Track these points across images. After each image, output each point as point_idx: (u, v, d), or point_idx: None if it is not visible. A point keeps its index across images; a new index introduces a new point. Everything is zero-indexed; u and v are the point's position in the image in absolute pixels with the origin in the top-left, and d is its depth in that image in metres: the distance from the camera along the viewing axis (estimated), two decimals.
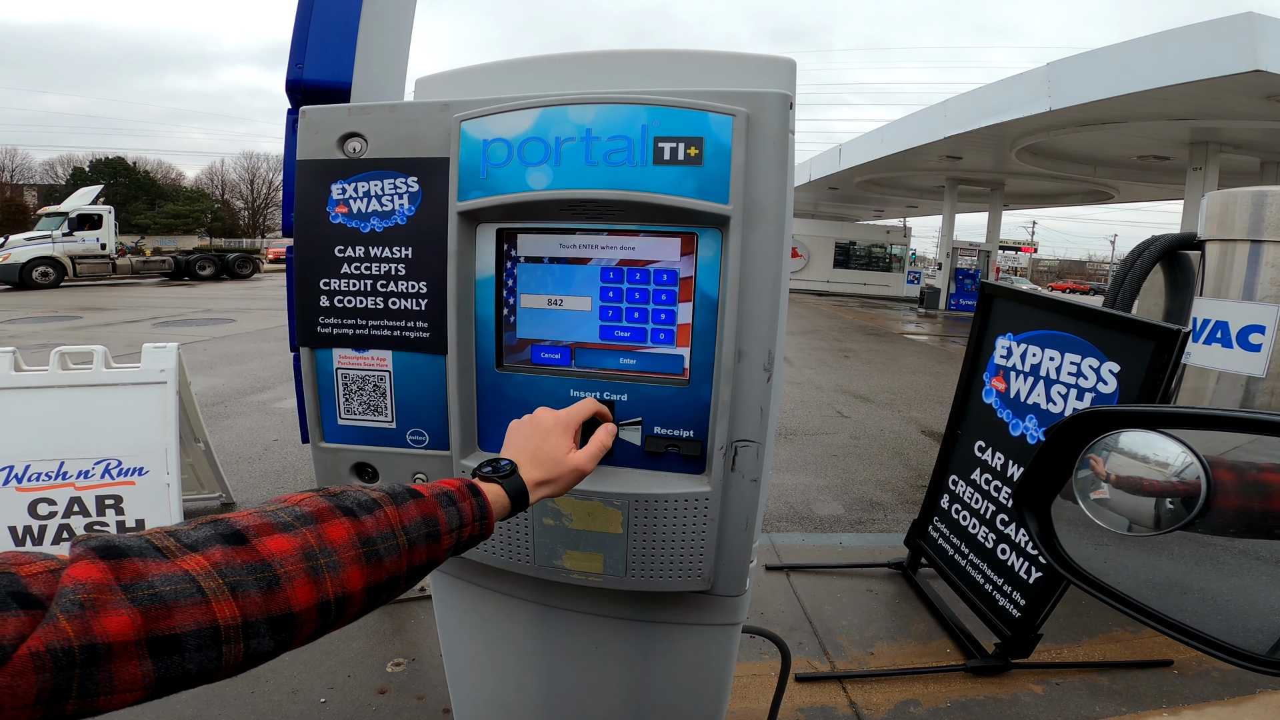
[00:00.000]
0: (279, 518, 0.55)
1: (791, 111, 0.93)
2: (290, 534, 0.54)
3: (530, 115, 0.93)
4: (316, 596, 0.54)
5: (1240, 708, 2.26)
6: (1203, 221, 2.96)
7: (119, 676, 0.42)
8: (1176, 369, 1.94)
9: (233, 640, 0.48)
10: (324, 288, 1.07)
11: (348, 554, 0.57)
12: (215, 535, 0.51)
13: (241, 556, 0.50)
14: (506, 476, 0.79)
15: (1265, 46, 7.39)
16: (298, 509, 0.57)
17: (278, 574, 0.51)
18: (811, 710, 2.19)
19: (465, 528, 0.69)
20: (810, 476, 4.58)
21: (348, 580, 0.56)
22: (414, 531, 0.63)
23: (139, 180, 45.13)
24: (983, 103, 11.77)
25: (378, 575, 0.59)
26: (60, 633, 0.40)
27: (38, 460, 2.37)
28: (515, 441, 0.87)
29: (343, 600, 0.56)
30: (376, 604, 0.61)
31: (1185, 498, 0.50)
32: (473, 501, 0.71)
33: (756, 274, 0.92)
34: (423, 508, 0.66)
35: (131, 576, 0.45)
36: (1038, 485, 0.60)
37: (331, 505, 0.59)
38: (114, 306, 12.89)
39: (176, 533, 0.50)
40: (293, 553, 0.53)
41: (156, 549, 0.47)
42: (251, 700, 2.10)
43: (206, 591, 0.47)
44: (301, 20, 2.06)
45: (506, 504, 0.77)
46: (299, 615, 0.52)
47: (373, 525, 0.60)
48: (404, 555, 0.62)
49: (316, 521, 0.57)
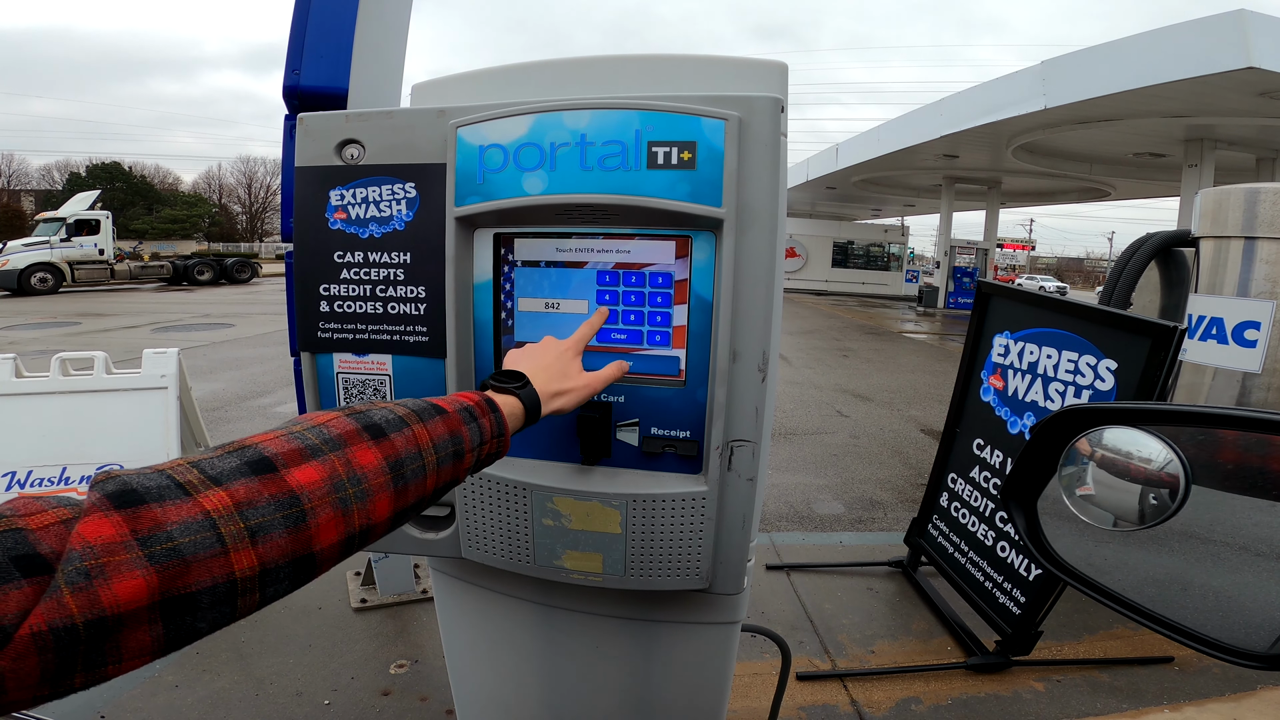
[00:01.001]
0: (307, 440, 0.52)
1: (783, 114, 0.95)
2: (319, 461, 0.51)
3: (525, 121, 0.95)
4: (342, 531, 0.51)
5: (1241, 704, 2.27)
6: (1197, 218, 2.97)
7: (127, 645, 0.40)
8: (1174, 366, 1.95)
9: (249, 591, 0.45)
10: (324, 293, 1.08)
11: (377, 480, 0.55)
12: (242, 465, 0.48)
13: (269, 489, 0.47)
14: (522, 387, 0.77)
15: (1258, 43, 7.42)
16: (325, 430, 0.54)
17: (304, 509, 0.48)
18: (813, 709, 2.20)
19: (485, 445, 0.67)
20: (810, 476, 4.59)
21: (375, 509, 0.54)
22: (442, 450, 0.61)
23: (136, 185, 45.14)
24: (978, 101, 11.80)
25: (405, 499, 0.57)
26: (64, 609, 0.37)
27: (40, 466, 2.37)
28: (522, 359, 0.85)
29: (367, 531, 0.54)
30: (397, 527, 0.59)
31: (1168, 493, 0.51)
32: (491, 417, 0.69)
33: (750, 276, 0.93)
34: (449, 424, 0.63)
35: (149, 526, 0.41)
36: (1024, 482, 0.61)
37: (359, 426, 0.56)
38: (113, 312, 12.89)
39: (200, 463, 0.47)
40: (321, 483, 0.50)
41: (178, 485, 0.44)
42: (256, 702, 2.11)
43: (226, 539, 0.44)
44: (298, 27, 2.07)
45: (521, 416, 0.75)
46: (320, 553, 0.50)
47: (402, 445, 0.58)
48: (431, 475, 0.60)
49: (345, 445, 0.54)
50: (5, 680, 0.35)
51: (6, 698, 0.36)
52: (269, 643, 2.41)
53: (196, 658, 2.30)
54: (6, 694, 0.36)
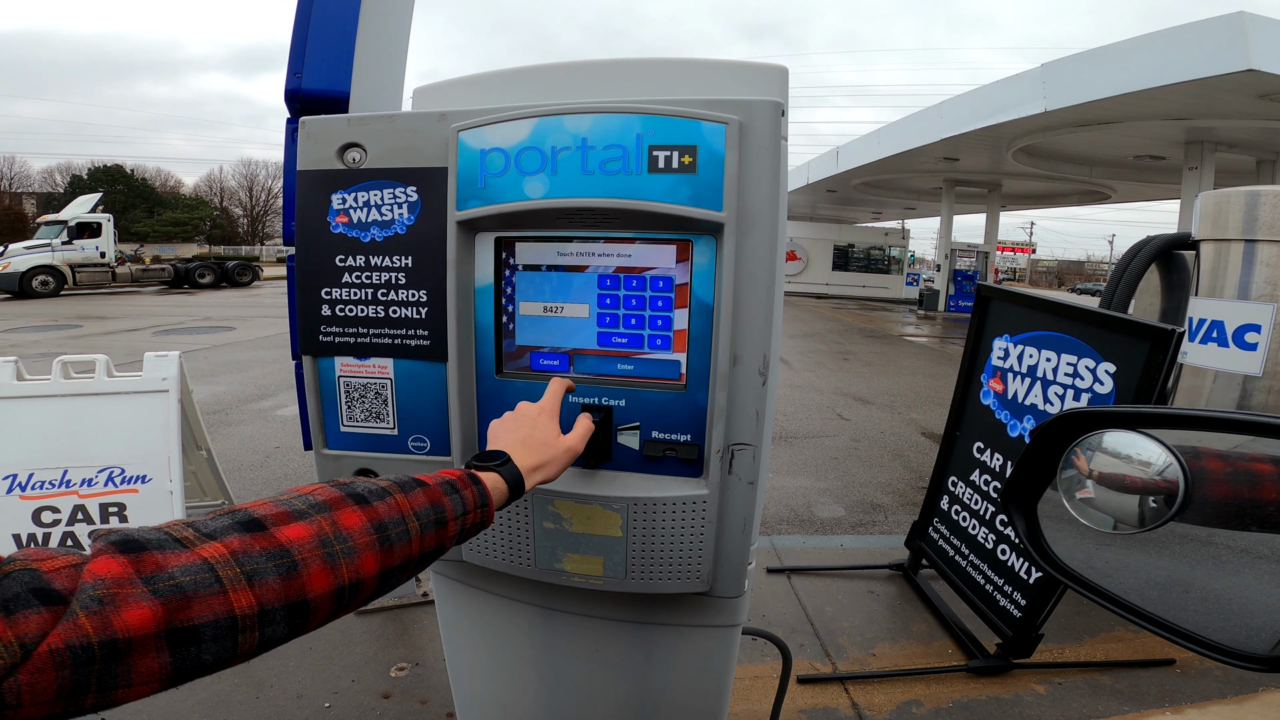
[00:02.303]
0: (294, 505, 0.57)
1: (784, 118, 0.95)
2: (306, 521, 0.56)
3: (526, 125, 0.95)
4: (333, 582, 0.55)
5: (1243, 706, 2.27)
6: (1197, 221, 2.97)
7: (137, 670, 0.43)
8: (1172, 369, 1.95)
9: (249, 629, 0.49)
10: (325, 297, 1.09)
11: (362, 539, 0.58)
12: (233, 524, 0.52)
13: (260, 544, 0.51)
14: (502, 465, 0.80)
15: (1258, 45, 7.43)
16: (311, 498, 0.59)
17: (295, 560, 0.52)
18: (814, 711, 2.20)
19: (468, 514, 0.71)
20: (811, 479, 4.59)
21: (362, 565, 0.58)
22: (424, 517, 0.65)
23: (137, 188, 45.19)
24: (978, 104, 11.81)
25: (390, 560, 0.61)
26: (80, 629, 0.41)
27: (41, 468, 2.38)
28: (501, 435, 0.88)
29: (357, 585, 0.57)
30: (387, 589, 0.62)
31: (1166, 496, 0.51)
32: (474, 489, 0.73)
33: (751, 280, 0.93)
34: (430, 495, 0.67)
35: (152, 569, 0.46)
36: (1024, 485, 0.61)
37: (344, 494, 0.61)
38: (114, 315, 12.90)
39: (195, 523, 0.52)
40: (309, 539, 0.54)
41: (176, 540, 0.49)
42: (257, 705, 2.11)
43: (224, 580, 0.48)
44: (299, 30, 2.07)
45: (505, 491, 0.78)
46: (314, 601, 0.54)
47: (385, 511, 0.62)
48: (415, 540, 0.64)
49: (331, 509, 0.58)
50: (22, 693, 0.38)
51: (22, 712, 0.39)
52: None
53: None
54: (23, 707, 0.39)
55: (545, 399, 0.92)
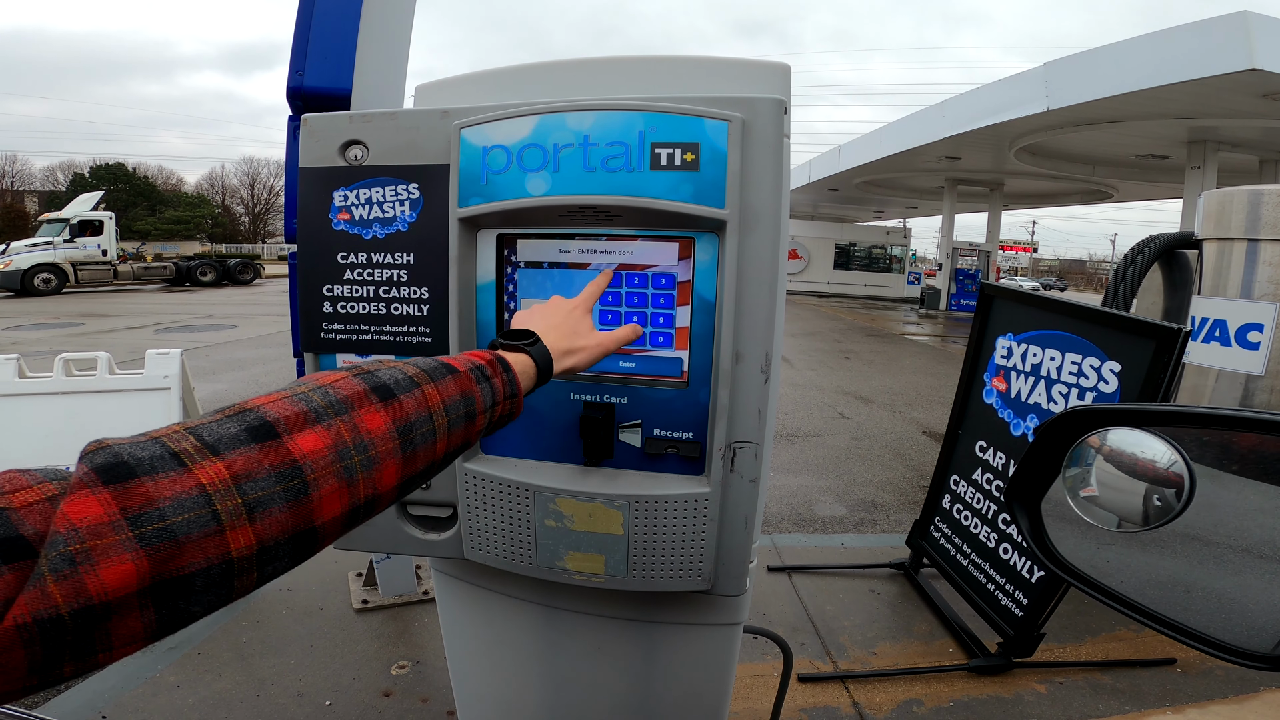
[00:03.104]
0: (312, 402, 0.49)
1: (786, 116, 0.95)
2: (324, 426, 0.48)
3: (529, 122, 0.95)
4: (347, 503, 0.48)
5: (1244, 706, 2.27)
6: (1200, 221, 2.97)
7: (117, 632, 0.37)
8: (1178, 368, 1.95)
9: (246, 571, 0.42)
10: (327, 294, 1.09)
11: (384, 446, 0.51)
12: (242, 431, 0.45)
13: (269, 459, 0.44)
14: (532, 344, 0.74)
15: (1261, 45, 7.42)
16: (331, 392, 0.51)
17: (307, 480, 0.45)
18: (814, 710, 2.20)
19: (497, 406, 0.65)
20: (812, 478, 4.59)
21: (381, 478, 0.51)
22: (453, 411, 0.58)
23: (139, 186, 45.22)
24: (980, 103, 11.79)
25: (413, 467, 0.54)
26: (49, 599, 0.34)
27: (43, 466, 2.38)
28: (530, 318, 0.82)
29: (372, 501, 0.51)
30: (402, 497, 0.56)
31: (1171, 493, 0.51)
32: (504, 377, 0.66)
33: (753, 277, 0.93)
34: (460, 384, 0.60)
35: (139, 503, 0.38)
36: (1028, 483, 0.61)
37: (368, 387, 0.53)
38: (116, 313, 12.92)
39: (198, 428, 0.44)
40: (325, 452, 0.47)
41: (172, 455, 0.41)
42: (257, 703, 2.11)
43: (223, 516, 0.41)
44: (301, 28, 2.07)
45: (534, 375, 0.72)
46: (323, 527, 0.47)
47: (412, 408, 0.55)
48: (441, 440, 0.57)
49: (353, 408, 0.51)
50: None
51: None
52: (270, 643, 2.41)
53: (198, 658, 2.30)
54: None
55: (582, 294, 0.86)
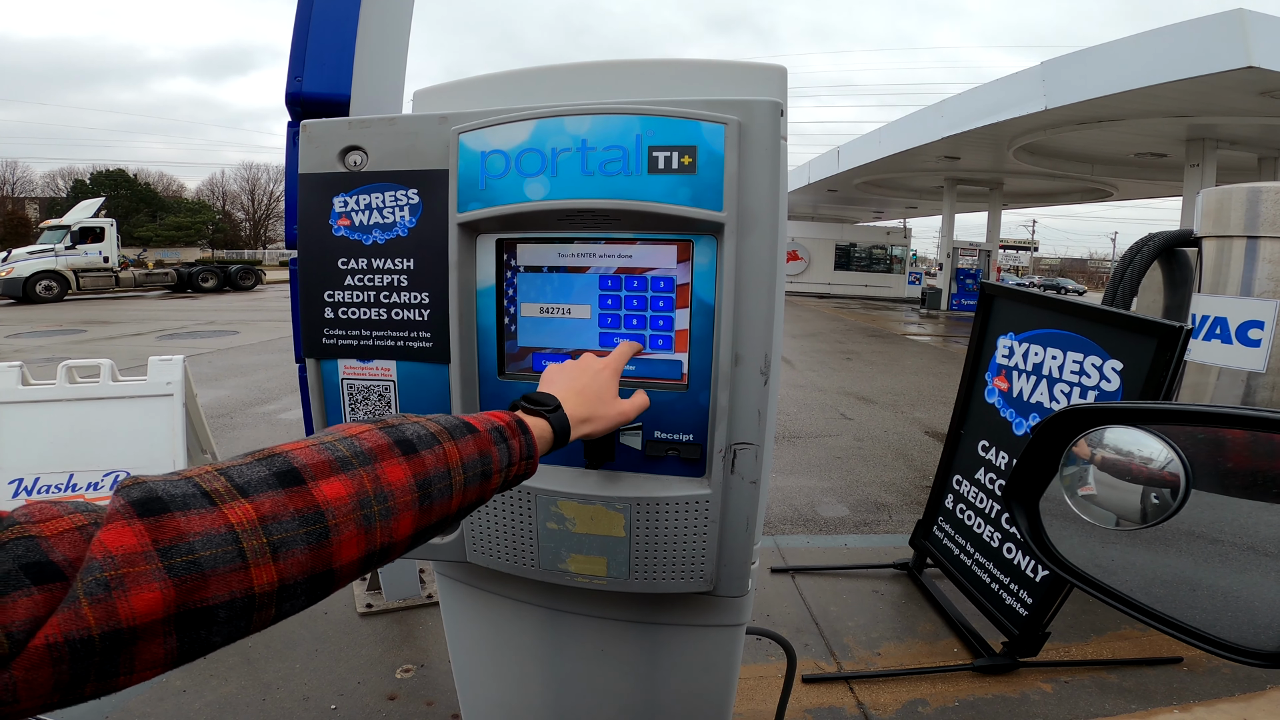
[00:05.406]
0: (338, 451, 0.52)
1: (783, 118, 0.95)
2: (348, 475, 0.51)
3: (526, 127, 0.95)
4: (363, 549, 0.51)
5: (1251, 704, 2.26)
6: (1199, 218, 2.97)
7: (141, 657, 0.39)
8: (1179, 366, 1.95)
9: (265, 606, 0.45)
10: (328, 299, 1.09)
11: (404, 498, 0.54)
12: (270, 475, 0.47)
13: (294, 504, 0.47)
14: (553, 411, 0.76)
15: (1258, 43, 7.42)
16: (357, 444, 0.54)
17: (328, 525, 0.48)
18: (819, 711, 2.20)
19: (513, 466, 0.67)
20: (814, 479, 4.59)
21: (398, 528, 0.53)
22: (470, 469, 0.61)
23: (140, 192, 45.30)
24: (979, 102, 11.80)
25: (427, 519, 0.57)
26: (81, 620, 0.36)
27: (47, 473, 2.39)
28: (556, 380, 0.84)
29: (388, 549, 0.53)
30: (415, 547, 0.58)
31: (1168, 491, 0.51)
32: (521, 439, 0.69)
33: (752, 279, 0.94)
34: (479, 443, 0.63)
35: (171, 537, 0.41)
36: (1026, 482, 0.61)
37: (391, 440, 0.56)
38: (118, 320, 12.95)
39: (228, 470, 0.47)
40: (347, 500, 0.50)
41: (204, 494, 0.44)
42: (263, 707, 2.11)
43: (248, 554, 0.43)
44: (299, 33, 2.08)
45: (550, 439, 0.75)
46: (340, 570, 0.49)
47: (431, 463, 0.57)
48: (457, 496, 0.59)
49: (375, 460, 0.53)
50: (18, 689, 0.35)
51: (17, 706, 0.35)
52: (276, 647, 2.41)
53: (204, 663, 2.30)
54: (18, 703, 0.35)
55: (612, 356, 0.90)
